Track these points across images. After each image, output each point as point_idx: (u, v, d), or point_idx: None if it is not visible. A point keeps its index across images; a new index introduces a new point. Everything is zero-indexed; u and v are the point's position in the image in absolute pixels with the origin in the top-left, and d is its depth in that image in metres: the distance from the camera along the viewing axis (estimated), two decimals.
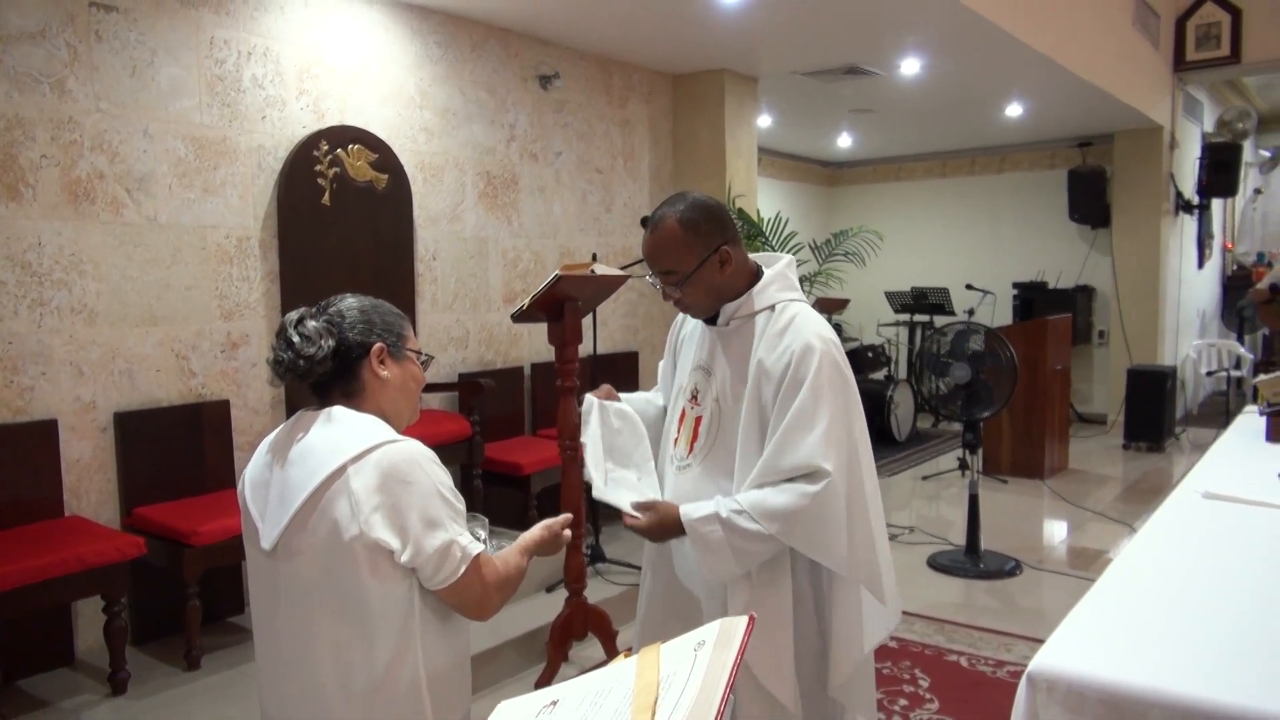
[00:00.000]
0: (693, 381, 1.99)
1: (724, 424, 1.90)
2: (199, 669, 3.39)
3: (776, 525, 1.74)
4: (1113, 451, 7.50)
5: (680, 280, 1.85)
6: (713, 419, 1.92)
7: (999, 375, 4.57)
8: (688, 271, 1.84)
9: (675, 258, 1.84)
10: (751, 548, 1.75)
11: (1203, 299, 9.85)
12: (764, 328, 1.87)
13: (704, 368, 1.96)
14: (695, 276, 1.84)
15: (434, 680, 1.50)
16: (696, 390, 1.97)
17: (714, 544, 1.76)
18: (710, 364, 1.95)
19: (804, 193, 10.01)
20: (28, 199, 3.31)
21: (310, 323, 1.53)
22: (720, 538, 1.75)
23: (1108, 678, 1.34)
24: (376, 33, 4.43)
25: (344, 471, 1.43)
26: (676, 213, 1.84)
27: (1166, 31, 7.74)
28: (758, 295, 1.90)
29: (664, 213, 1.86)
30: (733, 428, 1.88)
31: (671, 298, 1.90)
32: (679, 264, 1.84)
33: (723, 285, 1.89)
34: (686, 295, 1.88)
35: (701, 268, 1.84)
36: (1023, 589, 4.34)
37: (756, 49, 5.52)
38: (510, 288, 5.17)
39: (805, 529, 1.75)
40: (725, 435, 1.89)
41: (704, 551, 1.77)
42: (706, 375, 1.95)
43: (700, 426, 1.94)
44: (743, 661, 0.86)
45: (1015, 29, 5.08)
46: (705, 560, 1.79)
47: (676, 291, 1.88)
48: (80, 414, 3.47)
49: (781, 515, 1.74)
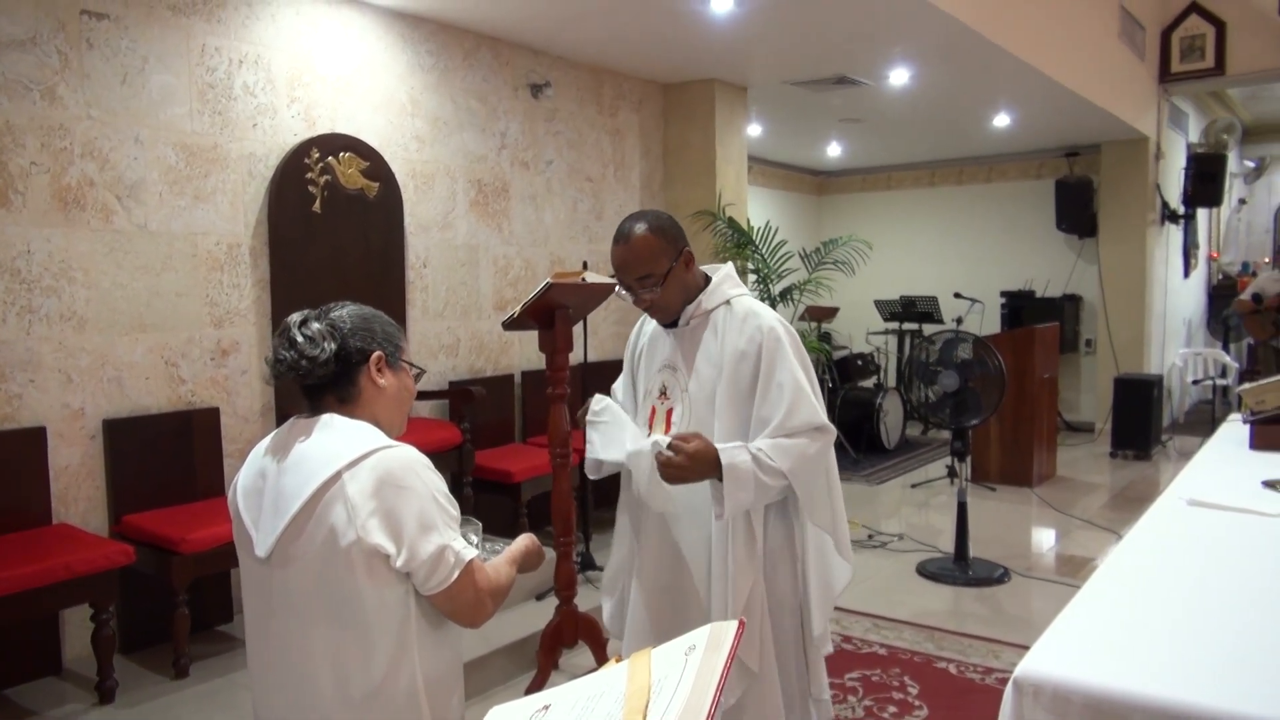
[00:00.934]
0: (660, 380, 2.19)
1: (696, 410, 2.10)
2: (187, 677, 3.38)
3: (789, 463, 1.96)
4: (1100, 459, 7.55)
5: (657, 281, 2.06)
6: (686, 408, 2.12)
7: (987, 383, 4.60)
8: (662, 273, 2.06)
9: (651, 262, 2.05)
10: (769, 481, 1.96)
11: (1188, 308, 9.94)
12: (724, 320, 2.10)
13: (670, 365, 2.18)
14: (670, 277, 2.07)
15: (431, 685, 1.51)
16: (665, 387, 2.18)
17: (743, 474, 1.93)
18: (675, 361, 2.17)
19: (793, 201, 10.05)
20: (17, 206, 3.31)
21: (314, 324, 1.54)
22: (749, 468, 1.94)
23: (1093, 682, 1.35)
24: (368, 41, 4.45)
25: (340, 477, 1.43)
26: (646, 224, 2.07)
27: (1152, 43, 7.83)
28: (713, 293, 2.14)
29: (632, 226, 2.08)
30: (707, 410, 2.08)
31: (644, 302, 2.10)
32: (655, 267, 2.05)
33: (690, 285, 2.13)
34: (663, 296, 2.08)
35: (674, 267, 2.07)
36: (1011, 596, 4.36)
37: (746, 59, 5.56)
38: (501, 295, 5.17)
39: (809, 472, 2.01)
40: (700, 419, 2.09)
41: (731, 482, 1.93)
42: (674, 371, 2.16)
43: (673, 417, 2.14)
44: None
45: (1003, 40, 5.13)
46: (729, 491, 1.93)
47: (652, 293, 2.07)
48: (69, 421, 3.46)
49: (796, 455, 1.98)
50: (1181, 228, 9.07)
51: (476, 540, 1.69)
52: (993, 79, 6.07)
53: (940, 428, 5.11)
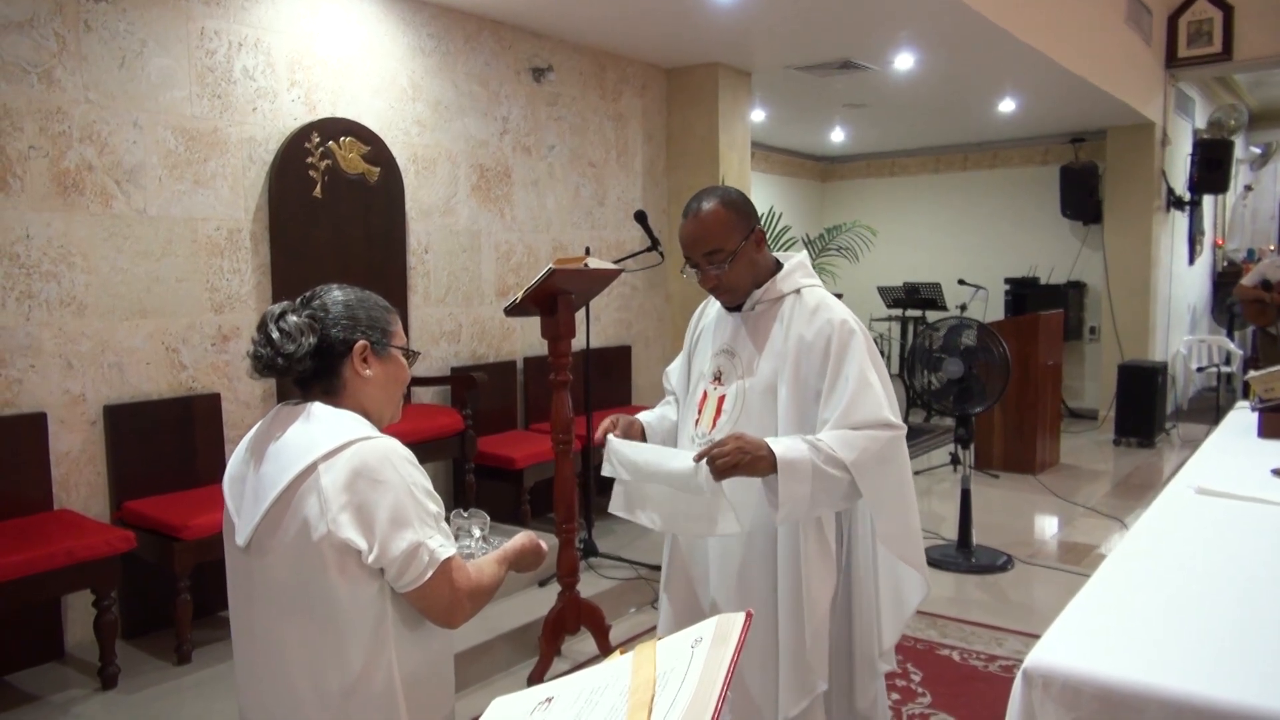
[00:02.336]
0: (715, 364, 2.09)
1: (749, 400, 2.01)
2: (189, 663, 3.38)
3: (853, 454, 1.82)
4: (1104, 447, 7.53)
5: (726, 258, 1.97)
6: (738, 396, 2.02)
7: (991, 370, 4.58)
8: (733, 249, 1.97)
9: (722, 237, 1.97)
10: (831, 471, 1.82)
11: (1193, 295, 9.89)
12: (792, 309, 2.00)
13: (728, 350, 2.08)
14: (739, 253, 1.98)
15: (410, 684, 1.46)
16: (720, 371, 2.08)
17: (799, 464, 1.80)
18: (734, 346, 2.07)
19: (797, 187, 10.01)
20: (15, 190, 3.28)
21: (292, 318, 1.49)
22: (806, 458, 1.81)
23: (1103, 674, 1.33)
24: (369, 24, 4.40)
25: (315, 469, 1.39)
26: (717, 198, 1.99)
27: (1159, 28, 7.76)
28: (784, 280, 2.05)
29: (702, 200, 2.00)
30: (762, 402, 1.99)
31: (710, 280, 2.00)
32: (726, 242, 1.97)
33: (760, 265, 2.03)
34: (730, 274, 1.99)
35: (744, 245, 1.98)
36: (1014, 584, 4.35)
37: (750, 43, 5.51)
38: (503, 281, 5.15)
39: (876, 466, 1.86)
40: (751, 410, 2.00)
41: (787, 473, 1.80)
42: (731, 357, 2.07)
43: (724, 404, 2.04)
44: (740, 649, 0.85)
45: (1009, 24, 5.08)
46: (784, 483, 1.80)
47: (719, 271, 1.98)
48: (69, 407, 3.45)
49: (860, 447, 1.84)
50: (1187, 214, 9.02)
51: (480, 534, 1.65)
52: (998, 64, 6.02)
53: (944, 414, 5.08)
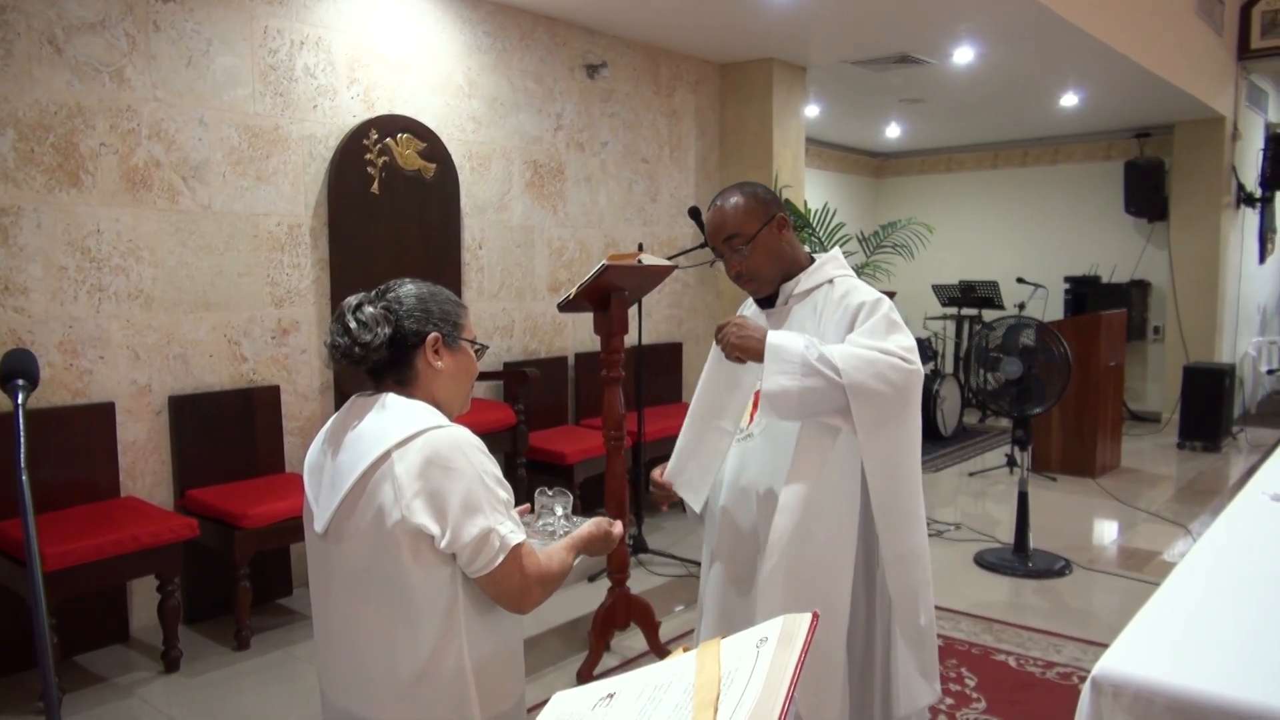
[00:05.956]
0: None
1: None
2: (249, 649, 3.46)
3: (848, 363, 1.81)
4: (1166, 451, 7.32)
5: (745, 241, 2.00)
6: None
7: (1051, 371, 4.47)
8: (751, 234, 2.00)
9: (741, 222, 2.01)
10: (819, 367, 1.81)
11: (1263, 295, 9.56)
12: (824, 299, 2.01)
13: None
14: (758, 240, 2.01)
15: (480, 669, 1.49)
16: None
17: (789, 353, 1.83)
18: None
19: (851, 184, 9.88)
20: (87, 186, 3.38)
21: (368, 309, 1.53)
22: (798, 349, 1.83)
23: (1177, 684, 1.29)
24: (426, 22, 4.45)
25: (389, 457, 1.43)
26: (738, 188, 2.06)
27: (1231, 18, 7.50)
28: (815, 272, 2.06)
29: (725, 194, 2.07)
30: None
31: (734, 268, 2.04)
32: (744, 226, 2.01)
33: (783, 254, 2.04)
34: (751, 260, 2.01)
35: (763, 231, 2.00)
36: (1073, 589, 4.25)
37: (806, 38, 5.45)
38: (555, 277, 5.17)
39: (873, 381, 1.81)
40: None
41: (773, 358, 1.84)
42: None
43: (759, 399, 2.01)
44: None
45: (1074, 16, 4.95)
46: (769, 368, 1.83)
47: (741, 256, 2.01)
48: (136, 397, 3.54)
49: (859, 360, 1.82)
50: (1258, 211, 8.71)
51: (563, 511, 1.70)
52: (1062, 56, 5.87)
53: (1001, 415, 4.98)
